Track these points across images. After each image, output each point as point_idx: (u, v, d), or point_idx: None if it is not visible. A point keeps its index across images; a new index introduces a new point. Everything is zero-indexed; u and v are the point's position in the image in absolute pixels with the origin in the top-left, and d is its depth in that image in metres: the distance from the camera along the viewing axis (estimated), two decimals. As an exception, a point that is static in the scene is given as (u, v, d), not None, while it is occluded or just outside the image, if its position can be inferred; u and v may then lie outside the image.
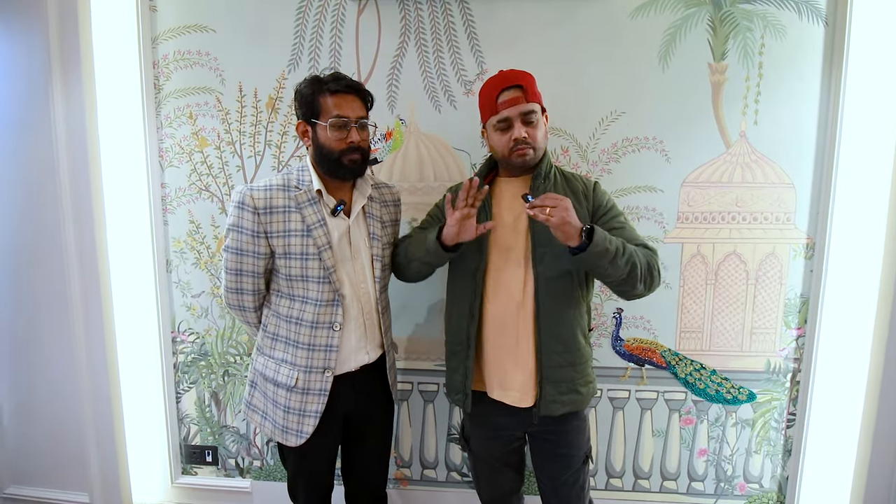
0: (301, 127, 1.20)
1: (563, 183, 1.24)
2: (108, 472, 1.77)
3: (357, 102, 1.18)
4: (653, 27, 1.52)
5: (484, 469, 1.35)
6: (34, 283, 1.71)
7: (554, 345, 1.18)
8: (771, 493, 1.69)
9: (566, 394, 1.19)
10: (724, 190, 1.56)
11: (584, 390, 1.22)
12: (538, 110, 1.19)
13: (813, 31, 1.49)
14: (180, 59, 1.68)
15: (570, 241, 1.07)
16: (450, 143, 1.63)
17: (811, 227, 1.56)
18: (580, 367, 1.21)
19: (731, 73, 1.52)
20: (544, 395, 1.18)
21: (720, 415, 1.66)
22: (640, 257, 1.12)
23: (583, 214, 1.18)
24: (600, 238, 1.07)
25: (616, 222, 1.20)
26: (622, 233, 1.18)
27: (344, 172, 1.19)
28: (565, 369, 1.19)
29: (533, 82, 1.21)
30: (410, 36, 1.60)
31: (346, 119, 1.15)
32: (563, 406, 1.19)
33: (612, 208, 1.23)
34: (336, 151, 1.16)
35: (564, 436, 1.25)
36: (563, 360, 1.19)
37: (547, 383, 1.18)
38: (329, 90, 1.15)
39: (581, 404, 1.23)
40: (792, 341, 1.61)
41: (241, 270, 1.19)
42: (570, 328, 1.19)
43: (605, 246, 1.07)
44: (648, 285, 1.16)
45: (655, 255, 1.17)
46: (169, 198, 1.76)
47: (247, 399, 1.31)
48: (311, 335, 1.19)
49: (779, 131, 1.53)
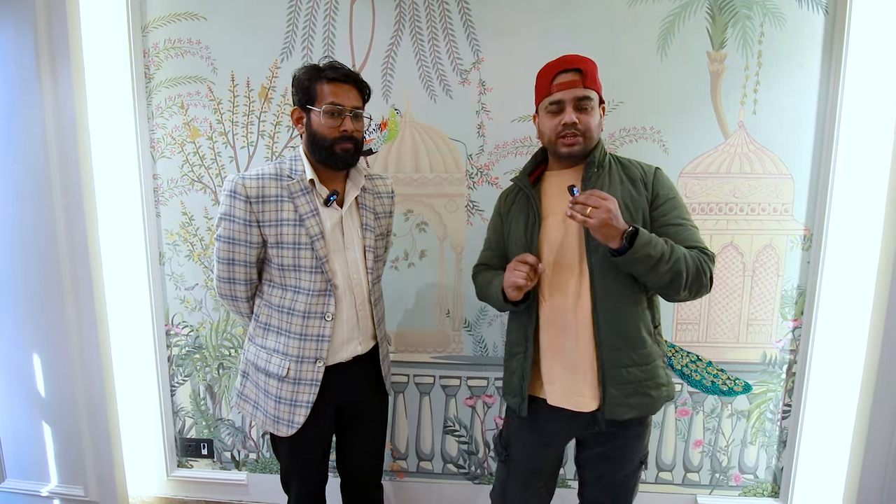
0: (296, 113, 1.19)
1: (620, 171, 1.15)
2: (104, 466, 1.77)
3: (353, 92, 1.17)
4: (651, 15, 1.50)
5: (515, 482, 1.25)
6: (26, 276, 1.69)
7: (615, 342, 1.09)
8: (766, 483, 1.70)
9: (633, 396, 1.10)
10: (721, 181, 1.55)
11: (654, 393, 1.11)
12: (595, 98, 1.12)
13: (813, 19, 1.47)
14: (171, 48, 1.65)
15: (611, 242, 1.02)
16: (445, 132, 1.61)
17: (809, 218, 1.55)
18: (648, 367, 1.11)
19: (729, 62, 1.50)
20: (608, 397, 1.09)
21: (716, 406, 1.67)
22: (688, 263, 1.03)
23: (640, 203, 1.11)
24: (642, 243, 1.00)
25: (674, 217, 1.10)
26: (679, 231, 1.08)
27: (335, 161, 1.17)
28: (630, 369, 1.09)
29: (594, 69, 1.13)
30: (405, 24, 1.57)
31: (341, 107, 1.14)
32: (630, 409, 1.10)
33: (672, 200, 1.12)
34: (328, 139, 1.15)
35: (622, 440, 1.16)
36: (626, 358, 1.09)
37: (611, 385, 1.09)
38: (326, 78, 1.14)
39: (651, 408, 1.12)
40: (788, 333, 1.61)
41: (233, 260, 1.18)
42: (633, 324, 1.10)
43: (648, 252, 1.00)
44: (695, 292, 1.07)
45: (709, 262, 1.07)
46: (161, 189, 1.74)
47: (238, 389, 1.30)
48: (303, 325, 1.19)
49: (777, 121, 1.52)
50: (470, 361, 1.72)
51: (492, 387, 1.74)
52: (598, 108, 1.13)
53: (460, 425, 1.78)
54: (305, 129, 1.18)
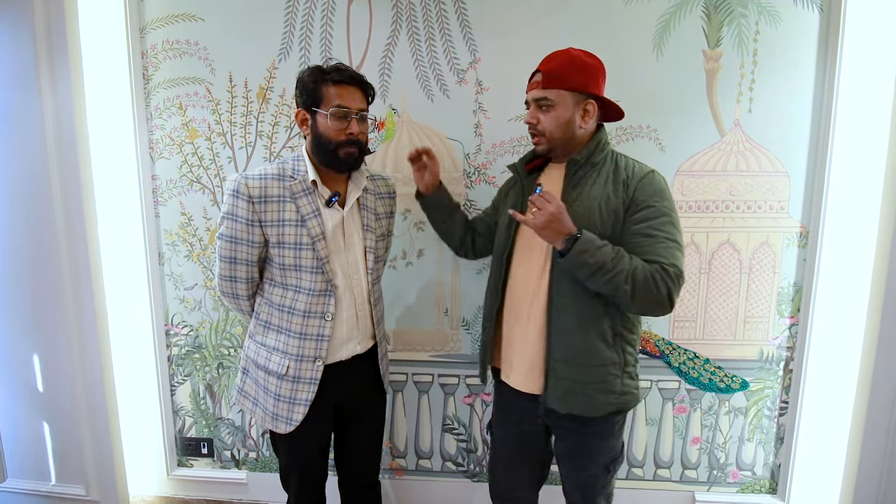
0: (301, 115, 1.19)
1: (612, 171, 1.13)
2: (104, 465, 1.77)
3: (359, 94, 1.18)
4: (647, 14, 1.50)
5: (500, 462, 1.33)
6: (26, 277, 1.70)
7: (562, 340, 1.12)
8: (763, 480, 1.70)
9: (571, 394, 1.13)
10: (717, 179, 1.56)
11: (599, 398, 1.12)
12: (554, 99, 1.12)
13: (808, 17, 1.47)
14: (169, 49, 1.66)
15: (555, 244, 1.07)
16: (443, 132, 1.62)
17: (805, 215, 1.56)
18: (595, 369, 1.12)
19: (725, 61, 1.51)
20: (549, 389, 1.14)
21: (713, 403, 1.67)
22: (635, 279, 1.02)
23: (613, 206, 1.09)
24: (578, 250, 1.02)
25: (645, 227, 1.07)
26: (644, 242, 1.06)
27: (339, 164, 1.18)
28: (573, 368, 1.12)
29: (559, 68, 1.12)
30: (402, 24, 1.58)
31: (347, 109, 1.15)
32: (567, 405, 1.13)
33: (650, 209, 1.08)
34: (334, 142, 1.15)
35: (583, 437, 1.19)
36: (570, 357, 1.12)
37: (552, 378, 1.14)
38: (332, 80, 1.14)
39: (590, 410, 1.13)
40: (785, 330, 1.62)
41: (235, 258, 1.19)
42: (583, 326, 1.11)
43: (584, 259, 1.02)
44: (647, 309, 1.06)
45: (668, 281, 1.03)
46: (160, 190, 1.74)
47: (238, 385, 1.31)
48: (303, 324, 1.20)
49: (773, 119, 1.52)
50: (468, 360, 1.73)
51: (490, 385, 1.74)
52: (563, 108, 1.12)
53: (459, 423, 1.78)
54: (311, 131, 1.18)
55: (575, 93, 1.12)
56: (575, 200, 1.12)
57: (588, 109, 1.14)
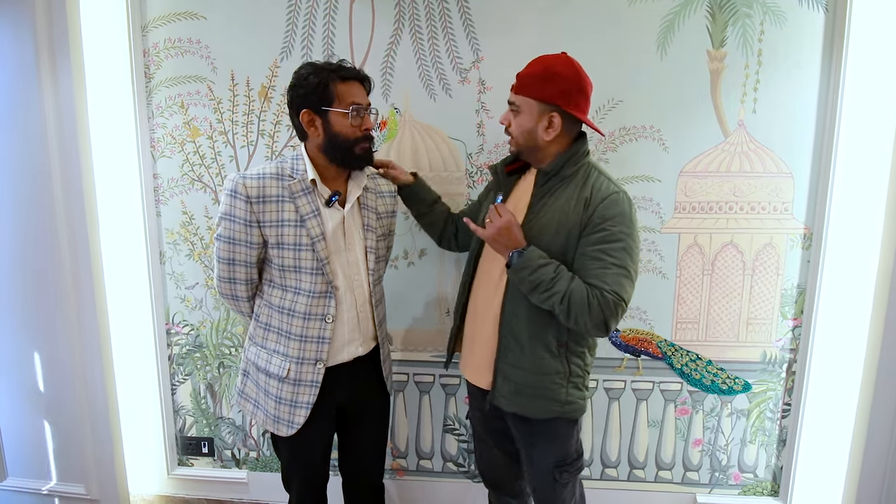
0: (307, 116, 1.15)
1: (580, 186, 1.12)
2: (105, 464, 1.77)
3: (362, 90, 1.18)
4: (651, 14, 1.49)
5: (476, 442, 1.43)
6: (27, 275, 1.69)
7: (510, 342, 1.17)
8: (765, 482, 1.70)
9: (515, 395, 1.17)
10: (721, 179, 1.55)
11: (540, 402, 1.16)
12: (521, 105, 1.13)
13: (813, 17, 1.46)
14: (171, 47, 1.65)
15: (501, 255, 1.13)
16: (445, 131, 1.61)
17: (809, 216, 1.55)
18: (538, 377, 1.15)
19: (729, 61, 1.50)
20: (496, 385, 1.20)
21: (715, 405, 1.67)
22: (570, 301, 1.04)
23: (569, 224, 1.10)
24: (518, 266, 1.07)
25: (594, 250, 1.07)
26: (589, 265, 1.06)
27: (354, 161, 1.19)
28: (517, 371, 1.17)
29: (532, 76, 1.13)
30: (405, 23, 1.57)
31: (361, 106, 1.15)
32: (511, 404, 1.18)
33: (604, 233, 1.06)
34: (351, 139, 1.15)
35: (531, 437, 1.23)
36: (515, 360, 1.17)
37: (499, 375, 1.19)
38: (341, 77, 1.14)
39: (533, 412, 1.17)
40: (788, 332, 1.61)
41: (234, 260, 1.17)
42: (530, 334, 1.15)
43: (523, 275, 1.07)
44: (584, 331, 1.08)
45: (607, 307, 1.03)
46: (161, 188, 1.74)
47: (239, 388, 1.30)
48: (304, 326, 1.18)
49: (777, 120, 1.51)
50: (470, 360, 1.72)
51: (491, 386, 1.74)
52: (527, 116, 1.13)
53: (460, 424, 1.78)
54: (323, 131, 1.15)
55: (541, 103, 1.12)
56: (539, 212, 1.15)
57: (552, 122, 1.12)
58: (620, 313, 1.06)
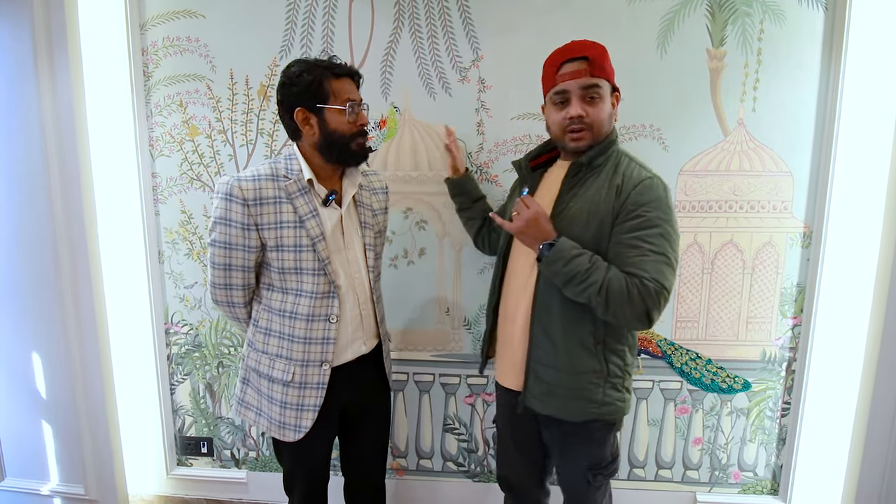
0: (301, 114, 1.13)
1: (611, 174, 1.07)
2: (103, 464, 1.77)
3: (354, 85, 1.17)
4: (650, 12, 1.49)
5: (500, 446, 1.37)
6: (25, 275, 1.68)
7: (542, 342, 1.11)
8: (765, 481, 1.70)
9: (548, 396, 1.12)
10: (721, 178, 1.55)
11: (576, 404, 1.10)
12: (604, 87, 1.07)
13: (812, 16, 1.46)
14: (170, 46, 1.64)
15: (531, 248, 1.08)
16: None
17: (808, 215, 1.55)
18: (573, 377, 1.09)
19: (729, 60, 1.50)
20: (528, 387, 1.14)
21: (715, 404, 1.67)
22: (608, 291, 0.98)
23: (601, 213, 1.04)
24: (551, 259, 1.02)
25: (631, 238, 1.01)
26: (626, 253, 1.01)
27: (352, 158, 1.17)
28: (551, 370, 1.11)
29: (602, 55, 1.07)
30: (404, 21, 1.57)
31: (356, 101, 1.15)
32: (544, 406, 1.13)
33: (641, 219, 1.01)
34: (347, 135, 1.14)
35: (564, 437, 1.17)
36: (548, 360, 1.11)
37: (531, 377, 1.14)
38: (334, 74, 1.13)
39: (568, 414, 1.12)
40: (788, 330, 1.61)
41: (231, 265, 1.14)
42: (564, 331, 1.09)
43: (556, 267, 1.01)
44: (623, 322, 1.03)
45: (648, 296, 0.98)
46: (160, 187, 1.73)
47: (238, 396, 1.27)
48: (308, 328, 1.16)
49: (777, 119, 1.51)
50: (469, 359, 1.72)
51: (491, 385, 1.74)
52: (608, 98, 1.08)
53: (460, 423, 1.78)
54: (318, 129, 1.14)
55: (610, 84, 1.08)
56: (569, 203, 1.09)
57: (614, 103, 1.10)
58: (663, 303, 0.99)
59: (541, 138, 1.58)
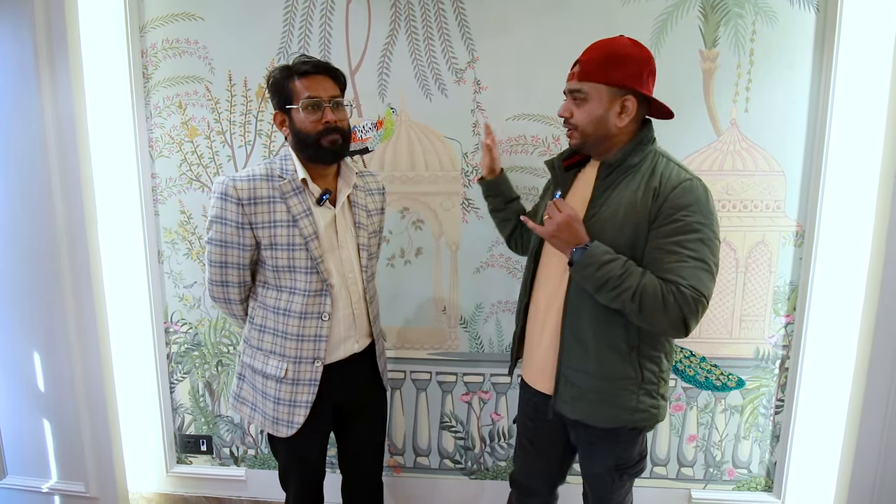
0: (278, 117, 1.17)
1: (647, 176, 1.05)
2: (104, 462, 1.78)
3: (329, 82, 1.16)
4: (644, 14, 1.51)
5: (518, 448, 1.34)
6: (27, 275, 1.70)
7: (573, 346, 1.09)
8: (759, 478, 1.71)
9: (579, 401, 1.10)
10: (714, 178, 1.56)
11: (608, 410, 1.09)
12: (591, 91, 1.05)
13: (804, 17, 1.48)
14: (169, 48, 1.66)
15: (563, 252, 1.05)
16: (441, 131, 1.63)
17: (801, 214, 1.57)
18: (607, 382, 1.08)
19: (722, 61, 1.52)
20: (558, 391, 1.12)
21: (709, 401, 1.68)
22: (642, 298, 0.96)
23: (636, 217, 1.02)
24: (583, 264, 0.99)
25: (668, 243, 0.98)
26: (663, 258, 0.98)
27: (325, 155, 1.16)
28: (582, 375, 1.09)
29: (596, 60, 1.06)
30: (401, 24, 1.59)
31: (318, 98, 1.13)
32: (574, 411, 1.11)
33: (678, 224, 0.98)
34: (313, 134, 1.13)
35: (589, 437, 1.16)
36: (579, 364, 1.09)
37: (561, 381, 1.11)
38: (298, 73, 1.13)
39: (599, 421, 1.10)
40: (781, 328, 1.63)
41: (227, 263, 1.17)
42: (596, 335, 1.07)
43: (589, 272, 0.99)
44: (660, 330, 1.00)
45: (685, 304, 0.95)
46: (160, 188, 1.75)
47: (235, 392, 1.30)
48: (300, 326, 1.19)
49: (769, 119, 1.53)
50: (466, 358, 1.74)
51: (487, 383, 1.76)
52: (596, 102, 1.05)
53: (456, 421, 1.79)
54: (290, 130, 1.17)
55: (612, 87, 1.05)
56: (602, 206, 1.07)
57: (626, 106, 1.05)
58: (701, 311, 0.97)
59: (535, 138, 1.60)
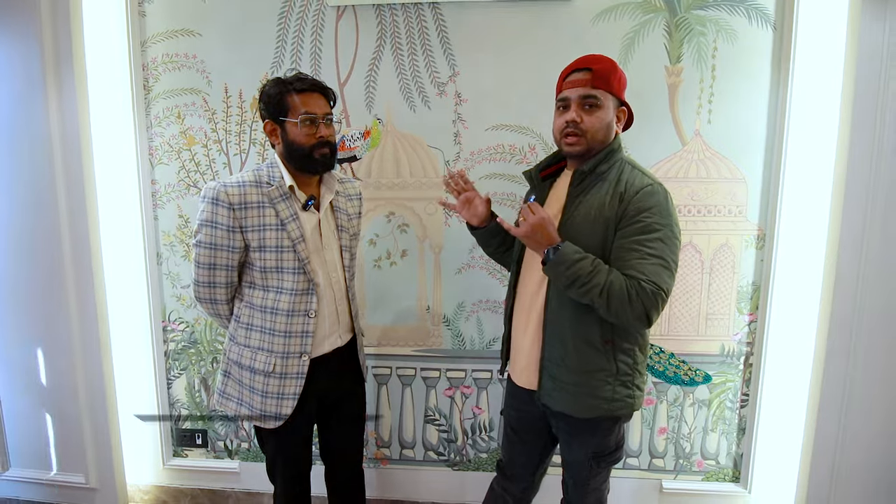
0: (269, 126, 1.25)
1: (614, 182, 1.12)
2: (103, 455, 1.86)
3: (322, 100, 1.25)
4: (612, 32, 1.61)
5: (505, 438, 1.39)
6: (32, 275, 1.78)
7: (553, 341, 1.17)
8: (727, 469, 1.80)
9: (560, 392, 1.17)
10: (680, 184, 1.66)
11: (587, 400, 1.15)
12: (604, 98, 1.12)
13: (762, 35, 1.59)
14: (168, 62, 1.76)
15: (537, 253, 1.12)
16: (424, 140, 1.73)
17: (762, 219, 1.67)
18: (583, 374, 1.14)
19: (686, 76, 1.62)
20: (542, 385, 1.20)
21: (678, 395, 1.77)
22: (609, 294, 1.04)
23: (604, 218, 1.10)
24: (554, 262, 1.06)
25: (631, 242, 1.06)
26: (627, 256, 1.06)
27: (315, 166, 1.25)
28: (562, 369, 1.16)
29: (609, 70, 1.13)
30: (386, 40, 1.69)
31: (315, 115, 1.22)
32: (557, 403, 1.18)
33: (641, 224, 1.06)
34: (307, 147, 1.22)
35: (568, 431, 1.23)
36: (559, 358, 1.16)
37: (544, 375, 1.19)
38: (295, 89, 1.21)
39: (577, 410, 1.17)
40: (744, 326, 1.72)
41: (215, 265, 1.23)
42: (573, 330, 1.14)
43: (558, 270, 1.06)
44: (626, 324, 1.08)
45: (647, 297, 1.03)
46: (159, 194, 1.84)
47: (220, 389, 1.35)
48: (287, 323, 1.26)
49: (731, 129, 1.63)
50: (449, 354, 1.83)
51: (469, 378, 1.84)
52: (608, 109, 1.13)
53: (440, 415, 1.88)
54: (281, 140, 1.25)
55: (615, 97, 1.14)
56: (574, 210, 1.15)
57: (619, 117, 1.16)
58: (661, 304, 1.04)
59: (513, 147, 1.71)
